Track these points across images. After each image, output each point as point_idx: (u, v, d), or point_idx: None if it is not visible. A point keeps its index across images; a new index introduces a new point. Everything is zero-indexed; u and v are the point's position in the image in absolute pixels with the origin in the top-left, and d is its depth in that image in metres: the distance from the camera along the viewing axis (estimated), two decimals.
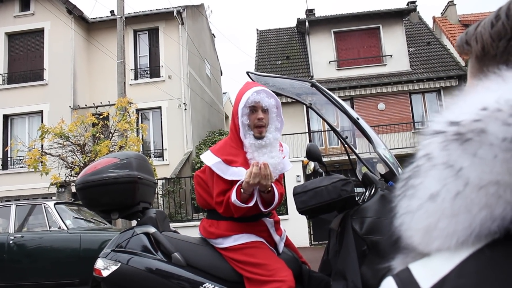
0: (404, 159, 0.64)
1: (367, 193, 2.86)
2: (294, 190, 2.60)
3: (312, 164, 3.21)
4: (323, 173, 3.03)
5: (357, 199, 2.76)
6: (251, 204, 2.44)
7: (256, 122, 2.53)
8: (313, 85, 2.78)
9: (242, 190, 2.42)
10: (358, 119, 2.65)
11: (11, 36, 19.07)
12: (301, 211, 2.58)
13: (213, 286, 2.52)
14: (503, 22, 0.64)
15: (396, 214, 0.60)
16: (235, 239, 2.55)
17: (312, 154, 2.90)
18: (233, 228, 2.57)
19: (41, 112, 18.07)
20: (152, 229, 2.69)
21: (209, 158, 2.56)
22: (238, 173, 2.48)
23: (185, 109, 18.41)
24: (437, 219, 0.54)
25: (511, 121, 0.50)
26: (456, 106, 0.57)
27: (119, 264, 2.60)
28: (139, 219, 2.84)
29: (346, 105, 2.73)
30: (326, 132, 18.43)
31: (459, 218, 0.52)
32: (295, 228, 11.58)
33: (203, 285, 2.52)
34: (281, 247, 2.73)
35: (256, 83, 2.73)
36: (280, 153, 2.60)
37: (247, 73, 3.05)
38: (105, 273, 2.61)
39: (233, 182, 2.50)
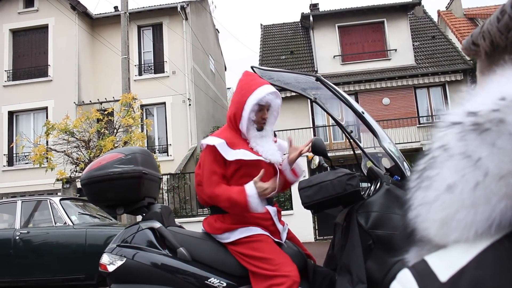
0: (409, 153, 0.63)
1: (372, 188, 2.85)
2: (299, 184, 2.60)
3: (317, 159, 3.20)
4: (328, 167, 3.02)
5: (362, 193, 2.75)
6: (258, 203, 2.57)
7: (261, 121, 2.68)
8: (317, 79, 2.78)
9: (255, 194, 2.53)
10: (363, 113, 2.64)
11: (15, 32, 19.11)
12: (306, 205, 2.57)
13: (218, 280, 2.52)
14: (510, 15, 0.64)
15: (411, 206, 0.60)
16: (241, 232, 2.57)
17: (317, 149, 2.89)
18: (239, 220, 2.59)
19: (45, 108, 18.12)
20: (157, 224, 2.69)
21: (212, 140, 2.62)
22: (239, 154, 2.59)
23: (190, 105, 18.42)
24: (455, 210, 0.53)
25: None
26: (473, 97, 0.57)
27: (125, 259, 2.61)
28: (144, 214, 2.85)
29: (351, 99, 2.72)
30: (331, 127, 18.40)
31: (478, 209, 0.52)
32: (300, 223, 11.57)
33: (209, 280, 2.53)
34: (284, 236, 2.76)
35: (258, 77, 2.80)
36: (273, 144, 2.80)
37: (252, 67, 3.05)
38: (111, 268, 2.62)
39: (229, 166, 2.60)
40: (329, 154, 2.92)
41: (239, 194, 2.50)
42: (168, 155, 18.06)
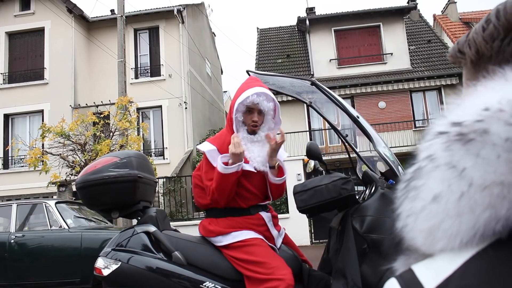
0: (405, 157, 0.65)
1: (367, 192, 2.86)
2: (294, 189, 2.59)
3: (312, 163, 3.21)
4: (324, 171, 3.02)
5: (357, 197, 2.76)
6: (235, 167, 2.53)
7: (250, 123, 2.65)
8: (313, 83, 2.78)
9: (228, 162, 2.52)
10: (358, 117, 2.65)
11: (11, 35, 19.06)
12: (301, 209, 2.57)
13: (213, 284, 2.52)
14: (494, 24, 0.65)
15: (399, 216, 0.60)
16: (234, 236, 2.56)
17: (312, 153, 2.90)
18: (232, 225, 2.59)
19: (41, 111, 18.07)
20: (152, 228, 2.69)
21: (205, 146, 2.65)
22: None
23: (186, 108, 18.40)
24: (441, 220, 0.53)
25: None
26: (458, 108, 0.57)
27: (120, 263, 2.61)
28: (139, 218, 2.84)
29: (346, 103, 2.72)
30: (327, 130, 18.42)
31: (463, 218, 0.52)
32: (296, 226, 11.57)
33: (204, 284, 2.52)
34: (278, 242, 2.76)
35: (259, 82, 2.77)
36: (265, 150, 2.72)
37: (247, 71, 3.05)
38: (106, 272, 2.62)
39: None
40: (325, 158, 2.93)
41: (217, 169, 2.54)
42: (164, 158, 18.04)
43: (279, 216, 2.66)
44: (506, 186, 0.50)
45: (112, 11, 19.87)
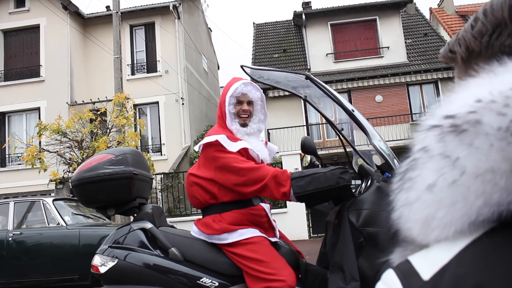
0: (402, 151, 0.67)
1: (363, 185, 2.85)
2: (291, 175, 2.52)
3: (308, 157, 3.19)
4: (319, 165, 3.02)
5: (353, 191, 2.75)
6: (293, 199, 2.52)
7: (241, 113, 2.71)
8: (307, 77, 2.77)
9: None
10: (353, 111, 2.64)
11: (6, 33, 19.01)
12: (298, 195, 2.49)
13: (210, 280, 2.52)
14: (482, 21, 0.67)
15: (394, 207, 0.62)
16: (241, 233, 2.54)
17: (307, 148, 2.89)
18: (239, 218, 2.56)
19: (38, 109, 18.04)
20: (148, 225, 2.68)
21: (213, 137, 2.58)
22: (241, 144, 2.60)
23: (183, 104, 18.39)
24: (435, 209, 0.55)
25: (505, 111, 0.52)
26: (449, 102, 0.59)
27: (116, 260, 2.60)
28: (135, 215, 2.84)
29: (341, 97, 2.72)
30: (324, 125, 18.41)
31: (456, 206, 0.54)
32: (294, 221, 11.58)
33: (201, 280, 2.52)
34: (277, 233, 2.78)
35: (241, 78, 2.82)
36: (261, 142, 2.84)
37: (241, 66, 3.04)
38: (103, 270, 2.61)
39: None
40: (322, 152, 2.92)
41: (282, 171, 2.49)
42: (161, 155, 18.04)
43: (277, 210, 2.67)
44: (498, 173, 0.52)
45: (108, 7, 19.82)
